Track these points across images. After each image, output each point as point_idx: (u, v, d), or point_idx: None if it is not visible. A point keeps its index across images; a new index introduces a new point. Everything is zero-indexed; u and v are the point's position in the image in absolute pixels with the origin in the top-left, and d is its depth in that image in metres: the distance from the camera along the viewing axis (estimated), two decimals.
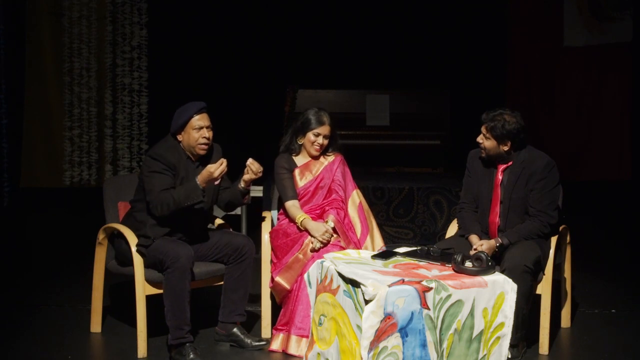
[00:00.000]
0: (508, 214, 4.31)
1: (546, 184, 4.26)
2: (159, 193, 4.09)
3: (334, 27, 8.87)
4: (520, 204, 4.29)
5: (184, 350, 4.07)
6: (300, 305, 4.25)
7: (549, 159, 4.32)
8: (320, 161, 4.65)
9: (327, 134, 4.57)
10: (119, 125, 8.73)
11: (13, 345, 4.33)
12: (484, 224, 4.40)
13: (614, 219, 8.09)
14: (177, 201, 4.05)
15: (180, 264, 4.03)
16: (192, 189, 4.05)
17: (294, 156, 4.66)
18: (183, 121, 4.20)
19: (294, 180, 4.61)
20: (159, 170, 4.14)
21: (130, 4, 8.62)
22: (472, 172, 4.49)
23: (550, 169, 4.28)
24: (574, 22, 8.90)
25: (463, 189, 4.58)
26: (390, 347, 3.54)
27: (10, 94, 8.33)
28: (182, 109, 4.25)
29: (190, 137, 4.21)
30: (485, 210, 4.39)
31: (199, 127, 4.21)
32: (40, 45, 8.59)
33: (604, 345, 4.43)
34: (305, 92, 8.04)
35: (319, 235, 4.36)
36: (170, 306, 4.07)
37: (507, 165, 4.33)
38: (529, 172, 4.27)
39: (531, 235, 4.23)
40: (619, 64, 8.86)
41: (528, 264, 4.05)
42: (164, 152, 4.19)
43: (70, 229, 7.64)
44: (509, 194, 4.30)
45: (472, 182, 4.50)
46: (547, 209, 4.25)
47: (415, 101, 8.28)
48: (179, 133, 4.23)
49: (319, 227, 4.39)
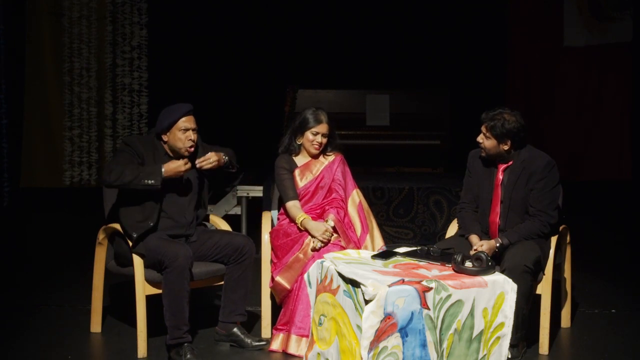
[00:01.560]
0: (508, 214, 4.31)
1: (546, 183, 4.26)
2: (117, 164, 4.14)
3: (334, 27, 8.88)
4: (520, 204, 4.29)
5: (182, 351, 4.07)
6: (301, 304, 4.25)
7: (549, 158, 4.32)
8: (321, 161, 4.65)
9: (326, 133, 4.58)
10: (119, 125, 8.73)
11: (13, 345, 4.33)
12: (484, 223, 4.40)
13: (614, 219, 8.09)
14: (133, 174, 4.06)
15: (179, 264, 4.03)
16: (154, 171, 4.06)
17: (293, 156, 4.66)
18: (170, 122, 4.23)
19: (294, 180, 4.61)
20: (124, 150, 4.23)
21: (130, 4, 8.62)
22: (473, 172, 4.50)
23: (550, 168, 4.28)
24: (574, 22, 8.91)
25: (463, 189, 4.58)
26: (390, 347, 3.54)
27: (10, 94, 8.34)
28: (168, 109, 4.29)
29: (176, 138, 4.24)
30: (485, 210, 4.39)
31: (185, 129, 4.23)
32: (40, 45, 8.59)
33: (604, 345, 4.43)
34: (305, 92, 8.04)
35: (319, 234, 4.36)
36: (169, 306, 4.07)
37: (507, 165, 4.33)
38: (529, 171, 4.27)
39: (531, 235, 4.23)
40: (619, 64, 8.87)
41: (528, 264, 4.05)
42: (136, 142, 4.27)
43: (70, 229, 7.64)
44: (509, 194, 4.30)
45: (472, 182, 4.50)
46: (547, 209, 4.25)
47: (415, 101, 8.28)
48: (165, 133, 4.27)
49: (319, 226, 4.39)
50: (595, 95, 8.96)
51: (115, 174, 4.08)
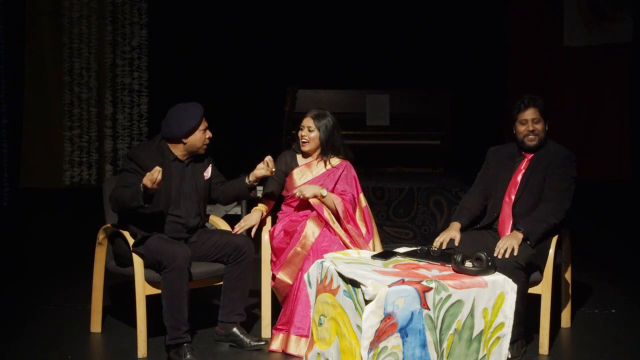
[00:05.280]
0: (522, 194, 4.34)
1: (564, 172, 4.32)
2: (117, 189, 4.19)
3: (334, 27, 8.87)
4: (536, 187, 4.33)
5: (182, 351, 4.07)
6: (300, 304, 4.25)
7: (572, 153, 4.41)
8: (323, 164, 4.67)
9: (311, 126, 4.62)
10: (119, 125, 8.72)
11: (13, 345, 4.34)
12: (496, 204, 4.40)
13: (614, 219, 8.09)
14: (122, 201, 4.12)
15: (177, 264, 4.04)
16: (135, 193, 4.07)
17: (297, 155, 4.71)
18: (193, 125, 4.29)
19: (292, 179, 4.63)
20: (129, 169, 4.25)
21: (130, 4, 8.61)
22: (491, 165, 4.54)
23: (571, 160, 4.36)
24: (574, 22, 8.90)
25: (476, 181, 4.62)
26: (390, 347, 3.54)
27: (10, 94, 8.33)
28: (184, 113, 4.32)
29: (197, 139, 4.33)
30: (501, 192, 4.40)
31: (204, 129, 4.36)
32: (40, 45, 8.59)
33: (604, 345, 4.43)
34: (305, 92, 8.04)
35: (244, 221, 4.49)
36: (168, 306, 4.08)
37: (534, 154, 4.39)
38: (551, 160, 4.34)
39: (545, 217, 4.21)
40: (619, 63, 8.86)
41: (519, 260, 4.05)
42: (140, 153, 4.28)
43: (70, 229, 7.63)
44: (527, 176, 4.36)
45: (488, 174, 4.53)
46: (562, 195, 4.28)
47: (415, 101, 8.27)
48: (186, 137, 4.30)
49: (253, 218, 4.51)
50: (595, 95, 8.96)
51: (113, 203, 4.19)
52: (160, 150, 4.32)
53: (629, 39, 8.79)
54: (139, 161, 4.23)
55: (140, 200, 4.03)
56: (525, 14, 9.00)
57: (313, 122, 4.61)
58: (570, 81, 8.98)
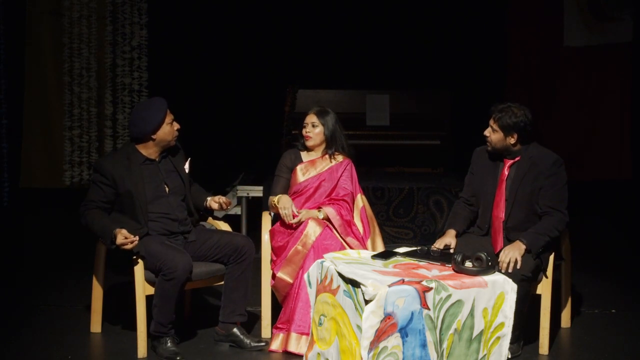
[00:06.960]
0: (512, 209, 4.28)
1: (555, 181, 4.24)
2: (90, 207, 4.24)
3: (334, 27, 8.87)
4: (525, 200, 4.26)
5: (163, 339, 4.16)
6: (300, 302, 4.25)
7: (557, 156, 4.32)
8: (327, 161, 4.69)
9: (315, 122, 4.65)
10: (119, 125, 8.71)
11: (13, 345, 4.34)
12: (485, 218, 4.38)
13: (614, 218, 8.08)
14: (91, 229, 4.21)
15: (176, 275, 4.07)
16: (105, 234, 4.13)
17: (302, 152, 4.72)
18: (158, 121, 4.28)
19: (296, 175, 4.64)
20: (96, 181, 4.28)
21: (130, 4, 8.60)
22: (476, 169, 4.49)
23: (559, 165, 4.27)
24: (574, 22, 8.89)
25: (464, 186, 4.58)
26: (390, 347, 3.54)
27: (10, 94, 8.33)
28: (146, 111, 4.33)
29: (166, 132, 4.32)
30: (487, 205, 4.37)
31: (171, 122, 4.35)
32: (40, 45, 8.58)
33: (604, 345, 4.43)
34: (305, 92, 8.03)
35: (283, 209, 4.45)
36: (159, 306, 4.13)
37: (514, 160, 4.32)
38: (536, 168, 4.25)
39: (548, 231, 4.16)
40: (619, 63, 8.85)
41: (525, 272, 4.03)
42: (106, 164, 4.30)
43: (70, 229, 7.61)
44: (514, 189, 4.28)
45: (474, 179, 4.49)
46: (559, 207, 4.22)
47: (415, 101, 8.27)
48: (155, 133, 4.30)
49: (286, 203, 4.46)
50: (595, 95, 8.95)
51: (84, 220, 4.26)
52: (126, 156, 4.33)
53: (629, 39, 8.78)
54: (103, 171, 4.25)
55: (108, 243, 4.10)
56: (525, 14, 8.99)
57: (317, 118, 4.65)
58: (570, 81, 8.97)
